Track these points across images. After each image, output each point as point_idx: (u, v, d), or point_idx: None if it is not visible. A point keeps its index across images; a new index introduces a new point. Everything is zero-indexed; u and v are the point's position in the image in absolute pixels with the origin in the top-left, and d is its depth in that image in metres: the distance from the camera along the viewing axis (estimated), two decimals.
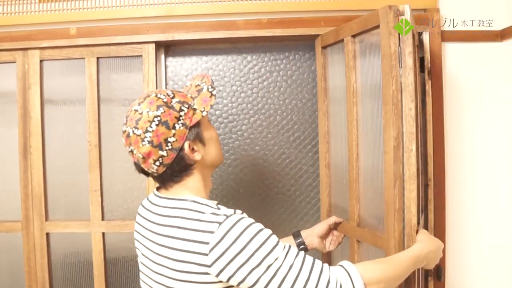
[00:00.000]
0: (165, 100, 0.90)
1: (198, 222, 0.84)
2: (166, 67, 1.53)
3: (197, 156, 0.93)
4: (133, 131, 0.89)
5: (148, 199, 1.01)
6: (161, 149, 0.88)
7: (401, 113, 1.09)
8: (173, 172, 0.92)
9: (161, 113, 0.88)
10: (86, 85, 1.46)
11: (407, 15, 1.11)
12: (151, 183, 1.43)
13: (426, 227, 1.46)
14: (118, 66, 1.49)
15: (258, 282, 0.82)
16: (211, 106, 0.95)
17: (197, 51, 1.55)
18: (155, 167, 0.90)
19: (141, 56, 1.45)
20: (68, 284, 1.51)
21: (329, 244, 1.29)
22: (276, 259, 0.83)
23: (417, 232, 1.10)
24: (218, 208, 0.87)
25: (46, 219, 1.47)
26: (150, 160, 0.89)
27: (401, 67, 1.09)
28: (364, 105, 1.25)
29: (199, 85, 0.98)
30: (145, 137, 0.88)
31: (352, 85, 1.26)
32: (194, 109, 0.93)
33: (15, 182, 1.48)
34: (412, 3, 1.41)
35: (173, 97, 0.91)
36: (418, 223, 1.23)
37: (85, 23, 1.46)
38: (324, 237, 1.28)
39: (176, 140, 0.89)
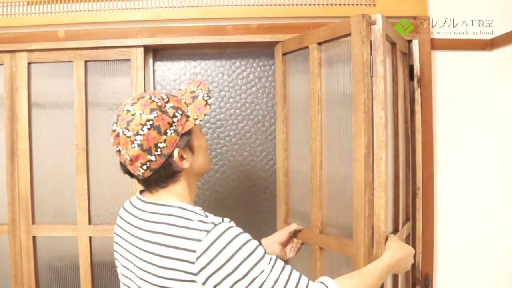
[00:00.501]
0: (159, 103, 0.88)
1: (186, 230, 0.84)
2: (154, 71, 1.53)
3: (185, 164, 0.91)
4: (123, 131, 0.87)
5: (130, 202, 0.99)
6: (150, 154, 0.87)
7: (372, 121, 1.10)
8: (159, 177, 0.91)
9: (154, 117, 0.87)
10: (73, 89, 1.46)
11: (379, 24, 1.11)
12: (138, 188, 1.43)
13: (414, 235, 1.47)
14: (106, 70, 1.49)
15: None
16: (205, 115, 0.93)
17: (185, 56, 1.55)
18: (142, 171, 0.89)
19: (129, 60, 1.45)
20: (54, 286, 1.51)
21: (289, 251, 1.30)
22: (261, 272, 0.83)
23: (386, 239, 1.11)
24: (206, 216, 0.86)
25: (33, 222, 1.47)
26: (138, 163, 0.88)
27: (372, 76, 1.10)
28: (330, 112, 1.25)
29: (195, 92, 0.96)
30: (135, 139, 0.86)
31: (317, 93, 1.25)
32: (187, 116, 0.91)
33: (2, 185, 1.48)
34: (402, 10, 1.43)
35: (167, 102, 0.90)
36: (398, 230, 1.24)
37: (74, 26, 1.46)
38: (284, 244, 1.29)
39: (166, 146, 0.88)
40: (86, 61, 1.46)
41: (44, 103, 1.51)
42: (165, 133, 0.87)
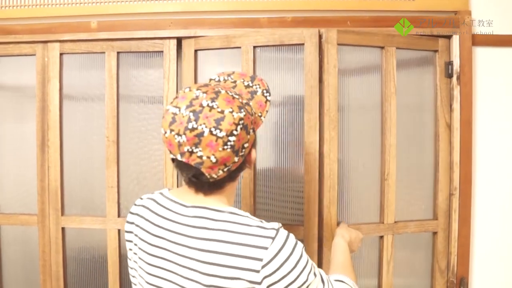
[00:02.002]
0: (240, 100, 0.83)
1: (247, 236, 0.80)
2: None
3: (250, 159, 0.89)
4: (211, 131, 0.79)
5: (157, 202, 0.92)
6: (237, 155, 0.82)
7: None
8: (228, 177, 0.86)
9: (244, 115, 0.82)
10: (105, 80, 1.47)
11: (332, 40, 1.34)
12: (169, 182, 1.43)
13: (449, 236, 1.44)
14: (138, 62, 1.49)
15: None
16: (267, 112, 0.91)
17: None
18: (220, 173, 0.83)
19: (162, 52, 1.45)
20: (82, 279, 1.53)
21: None
22: (313, 279, 0.85)
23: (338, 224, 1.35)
24: (261, 221, 0.84)
25: (62, 213, 1.49)
26: (221, 166, 0.81)
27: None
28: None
29: (251, 87, 0.92)
30: (229, 141, 0.80)
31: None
32: (253, 111, 0.88)
33: (31, 176, 1.50)
34: (442, 5, 1.40)
35: (240, 98, 0.84)
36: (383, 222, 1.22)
37: (106, 17, 1.46)
38: None
39: (248, 146, 0.84)
40: (118, 52, 1.47)
41: (75, 94, 1.52)
42: (249, 133, 0.84)
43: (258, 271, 0.79)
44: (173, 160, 0.86)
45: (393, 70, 1.41)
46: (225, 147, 0.80)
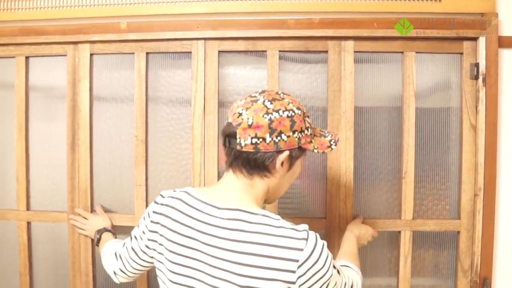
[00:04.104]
0: (302, 109, 0.95)
1: (283, 239, 0.85)
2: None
3: (280, 171, 0.95)
4: (264, 101, 0.92)
5: (187, 203, 0.96)
6: (270, 135, 0.89)
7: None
8: (254, 161, 0.92)
9: (297, 113, 0.92)
10: (134, 81, 1.51)
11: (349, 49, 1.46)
12: (196, 180, 1.48)
13: (472, 237, 1.47)
14: (166, 63, 1.54)
15: None
16: (322, 152, 1.01)
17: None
18: (247, 142, 0.90)
19: (190, 52, 1.49)
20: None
21: None
22: (335, 272, 0.92)
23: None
24: (291, 223, 0.90)
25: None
26: (252, 133, 0.89)
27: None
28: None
29: (324, 133, 1.04)
30: (271, 114, 0.90)
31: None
32: (311, 140, 0.98)
33: (61, 174, 1.56)
34: (468, 6, 1.43)
35: (305, 115, 0.96)
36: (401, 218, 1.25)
37: (136, 18, 1.51)
38: None
39: (286, 142, 0.91)
40: (147, 53, 1.52)
41: (104, 95, 1.57)
42: (294, 132, 0.92)
43: (294, 272, 0.84)
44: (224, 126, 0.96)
45: (412, 74, 1.47)
46: (265, 116, 0.89)
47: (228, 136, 0.92)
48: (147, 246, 1.03)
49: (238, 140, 0.90)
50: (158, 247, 0.98)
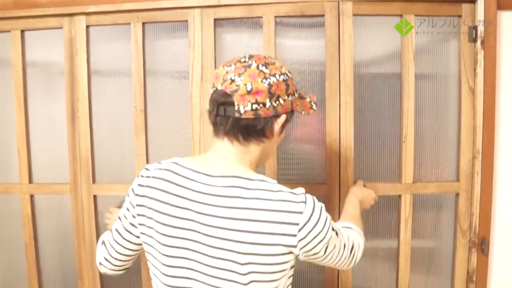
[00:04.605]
0: (291, 72, 0.96)
1: (283, 203, 0.86)
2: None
3: (275, 135, 0.95)
4: (258, 66, 0.90)
5: (177, 173, 0.94)
6: (270, 99, 0.89)
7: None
8: (253, 127, 0.91)
9: (289, 77, 0.94)
10: (132, 51, 1.52)
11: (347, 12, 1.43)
12: (196, 149, 1.50)
13: (471, 198, 1.49)
14: (163, 33, 1.54)
15: (320, 252, 0.92)
16: (306, 114, 1.03)
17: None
18: (247, 108, 0.88)
19: (187, 21, 1.49)
20: None
21: None
22: (333, 233, 0.94)
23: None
24: (288, 188, 0.90)
25: (93, 181, 1.57)
26: (251, 99, 0.87)
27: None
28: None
29: (302, 95, 1.05)
30: (269, 78, 0.89)
31: None
32: (298, 102, 0.99)
33: (63, 147, 1.58)
34: None
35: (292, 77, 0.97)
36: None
37: None
38: None
39: (282, 106, 0.92)
40: (143, 23, 1.51)
41: (102, 67, 1.58)
42: (288, 96, 0.93)
43: (295, 235, 0.86)
44: (210, 95, 0.93)
45: (412, 37, 1.46)
46: (264, 80, 0.89)
47: (223, 104, 0.89)
48: (132, 224, 0.99)
49: (236, 107, 0.88)
50: (147, 221, 0.95)
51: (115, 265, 1.08)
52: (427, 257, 1.59)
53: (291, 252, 0.88)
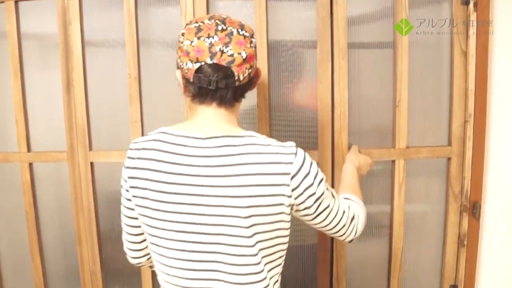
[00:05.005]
0: None
1: (273, 155, 0.90)
2: None
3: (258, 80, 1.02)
4: (238, 31, 0.92)
5: (167, 142, 0.95)
6: (255, 58, 0.95)
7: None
8: (244, 89, 0.97)
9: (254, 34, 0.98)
10: (124, 19, 1.53)
11: None
12: (189, 115, 1.52)
13: (463, 163, 1.51)
14: (155, 1, 1.55)
15: (311, 208, 0.96)
16: None
17: None
18: (246, 74, 0.93)
19: None
20: (112, 210, 1.66)
21: None
22: (327, 193, 0.99)
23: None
24: (276, 141, 0.95)
25: (90, 149, 1.60)
26: (247, 65, 0.92)
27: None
28: None
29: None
30: (252, 40, 0.94)
31: None
32: None
33: (59, 115, 1.60)
34: None
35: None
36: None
37: None
38: None
39: (256, 61, 0.97)
40: None
41: (96, 37, 1.59)
42: (255, 56, 0.97)
43: (288, 185, 0.90)
44: (198, 70, 0.91)
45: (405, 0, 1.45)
46: (251, 45, 0.93)
47: (225, 78, 0.91)
48: (128, 199, 1.01)
49: (236, 77, 0.91)
50: (141, 192, 0.96)
51: (136, 250, 1.10)
52: (419, 222, 1.61)
53: (282, 204, 0.91)
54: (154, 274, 1.59)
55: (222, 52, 0.89)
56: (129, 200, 1.01)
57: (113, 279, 1.73)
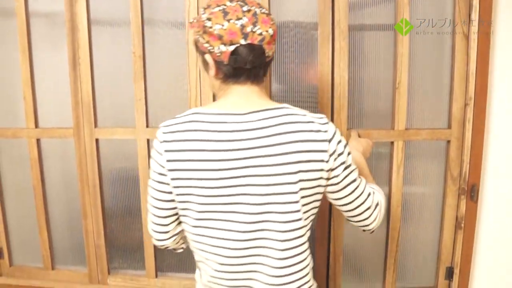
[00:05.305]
0: None
1: (311, 124, 0.96)
2: None
3: None
4: (260, 10, 0.96)
5: (206, 121, 0.96)
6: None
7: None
8: (269, 65, 1.03)
9: None
10: None
11: None
12: (192, 93, 1.56)
13: (462, 145, 1.53)
14: None
15: (339, 176, 1.01)
16: None
17: None
18: (272, 50, 0.99)
19: None
20: (116, 186, 1.72)
21: None
22: (355, 167, 1.05)
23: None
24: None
25: (95, 126, 1.65)
26: (273, 42, 0.98)
27: None
28: None
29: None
30: (272, 18, 0.98)
31: None
32: None
33: (66, 92, 1.65)
34: None
35: None
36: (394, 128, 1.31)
37: None
38: None
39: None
40: None
41: (102, 16, 1.63)
42: None
43: (326, 151, 0.96)
44: (233, 51, 0.94)
45: None
46: (273, 22, 0.97)
47: (260, 56, 0.96)
48: (163, 183, 1.00)
49: (266, 54, 0.97)
50: (184, 173, 0.96)
51: (163, 232, 1.09)
52: (417, 204, 1.64)
53: (326, 169, 0.97)
54: (156, 250, 1.66)
55: (253, 32, 0.93)
56: (166, 184, 0.99)
57: (116, 253, 1.79)
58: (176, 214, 1.06)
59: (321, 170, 0.97)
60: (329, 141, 0.96)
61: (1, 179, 1.81)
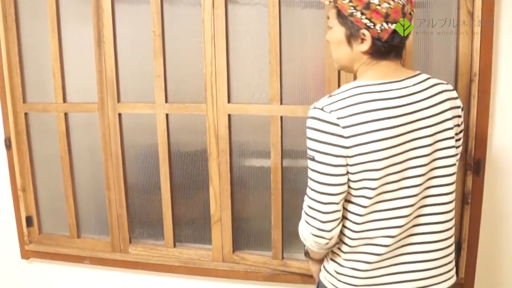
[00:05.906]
0: None
1: (448, 85, 1.13)
2: None
3: None
4: None
5: (375, 91, 1.00)
6: None
7: None
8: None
9: None
10: None
11: None
12: (208, 70, 1.65)
13: (468, 121, 1.58)
14: None
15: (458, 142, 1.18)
16: None
17: None
18: (411, 29, 1.06)
19: None
20: (137, 158, 1.85)
21: None
22: None
23: None
24: None
25: (118, 101, 1.78)
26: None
27: None
28: None
29: None
30: None
31: None
32: None
33: (92, 69, 1.78)
34: None
35: None
36: None
37: None
38: None
39: None
40: None
41: None
42: None
43: (461, 116, 1.15)
44: (394, 30, 1.00)
45: None
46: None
47: (407, 35, 1.05)
48: (340, 166, 0.99)
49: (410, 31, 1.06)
50: (365, 147, 0.97)
51: (329, 230, 1.05)
52: None
53: (458, 125, 1.14)
54: (175, 224, 1.77)
55: (410, 12, 1.02)
56: (342, 166, 0.99)
57: (137, 223, 1.92)
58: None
59: (458, 126, 1.12)
60: (462, 108, 1.15)
61: (32, 151, 1.96)
